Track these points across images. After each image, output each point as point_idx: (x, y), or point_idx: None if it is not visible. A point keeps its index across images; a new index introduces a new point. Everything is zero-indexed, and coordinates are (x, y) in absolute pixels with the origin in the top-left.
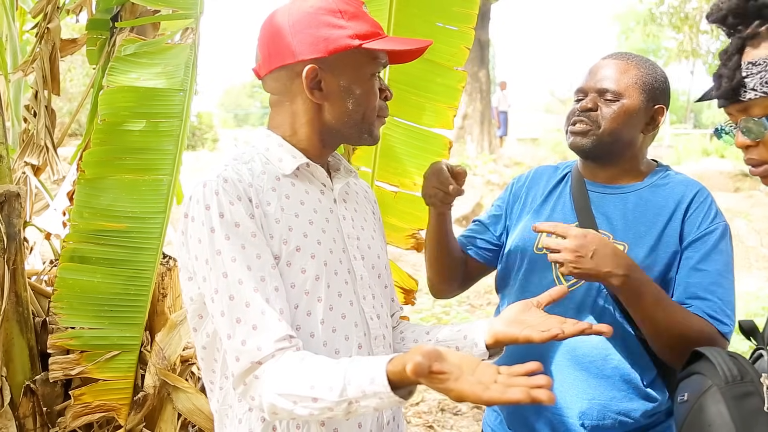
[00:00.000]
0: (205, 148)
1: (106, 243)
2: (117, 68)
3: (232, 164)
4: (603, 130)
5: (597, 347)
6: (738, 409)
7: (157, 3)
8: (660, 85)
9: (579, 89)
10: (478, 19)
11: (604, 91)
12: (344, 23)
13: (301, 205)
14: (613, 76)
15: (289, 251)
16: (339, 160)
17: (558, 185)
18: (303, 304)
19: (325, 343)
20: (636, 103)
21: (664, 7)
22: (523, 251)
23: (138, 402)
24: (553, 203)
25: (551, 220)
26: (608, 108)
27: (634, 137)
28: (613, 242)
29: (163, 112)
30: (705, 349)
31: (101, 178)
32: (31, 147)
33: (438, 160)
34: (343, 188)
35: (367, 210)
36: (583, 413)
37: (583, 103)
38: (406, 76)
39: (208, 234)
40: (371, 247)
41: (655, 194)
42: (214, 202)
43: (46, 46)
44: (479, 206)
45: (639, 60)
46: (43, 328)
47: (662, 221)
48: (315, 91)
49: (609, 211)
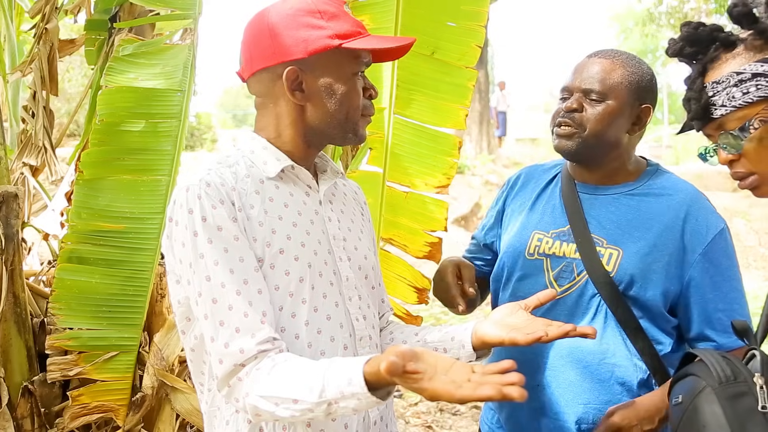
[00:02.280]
0: (203, 148)
1: (105, 243)
2: (115, 68)
3: (216, 168)
4: (588, 132)
5: (592, 351)
6: (732, 409)
7: (156, 3)
8: (646, 84)
9: (564, 87)
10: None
11: (589, 91)
12: (324, 23)
13: (284, 208)
14: (599, 75)
15: (272, 254)
16: (326, 161)
17: (547, 186)
18: (287, 305)
19: (309, 344)
20: (622, 104)
21: (663, 7)
22: (515, 256)
23: (136, 402)
24: (542, 206)
25: (542, 224)
26: (593, 108)
27: (620, 138)
28: (606, 247)
29: (162, 112)
30: (698, 351)
31: (100, 178)
32: (30, 148)
33: (446, 261)
34: (330, 189)
35: (355, 211)
36: (579, 417)
37: (567, 104)
38: (415, 76)
39: (191, 238)
40: (358, 248)
41: (650, 199)
42: (196, 206)
43: (44, 46)
44: (477, 206)
45: (625, 58)
46: (41, 328)
47: (658, 228)
48: (296, 93)
49: (600, 214)
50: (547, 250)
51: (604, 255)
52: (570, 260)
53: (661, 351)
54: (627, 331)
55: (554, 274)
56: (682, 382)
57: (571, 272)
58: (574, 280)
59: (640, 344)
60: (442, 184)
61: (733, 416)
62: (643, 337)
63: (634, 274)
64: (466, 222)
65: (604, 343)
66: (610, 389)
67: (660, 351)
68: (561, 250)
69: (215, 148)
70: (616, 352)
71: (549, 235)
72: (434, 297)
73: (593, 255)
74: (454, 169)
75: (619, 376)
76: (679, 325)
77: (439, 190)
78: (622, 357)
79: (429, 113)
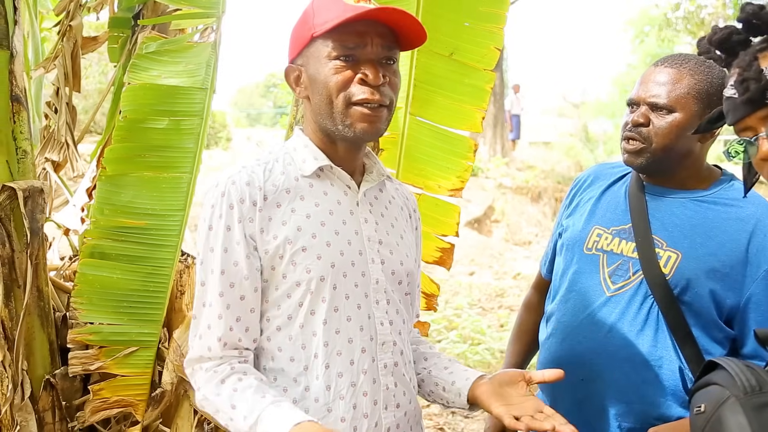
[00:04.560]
0: (218, 147)
1: (126, 239)
2: (139, 65)
3: (250, 166)
4: (656, 146)
5: (641, 352)
6: (758, 420)
7: (180, 2)
8: (716, 89)
9: (631, 99)
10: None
11: (655, 103)
12: (310, 20)
13: (315, 207)
14: (666, 86)
15: (294, 251)
16: (374, 162)
17: (614, 184)
18: (306, 302)
19: (326, 343)
20: (691, 114)
21: (680, 11)
22: (574, 249)
23: (155, 398)
24: (607, 202)
25: (604, 220)
26: (660, 121)
27: (692, 148)
28: (665, 249)
29: (185, 110)
30: (721, 360)
31: (122, 174)
32: (52, 143)
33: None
34: (372, 191)
35: (399, 216)
36: (621, 415)
37: (634, 117)
38: (433, 77)
39: (206, 231)
40: (394, 252)
41: (718, 207)
42: (218, 203)
43: (68, 43)
44: (491, 209)
45: (693, 65)
46: (63, 323)
47: (723, 238)
48: (297, 88)
49: (665, 216)
50: (605, 246)
51: (662, 257)
52: (627, 258)
53: None
54: (676, 336)
55: (609, 270)
56: (704, 390)
57: (627, 271)
58: (628, 278)
59: (688, 351)
60: (456, 187)
61: (759, 428)
62: (692, 344)
63: (690, 278)
64: (479, 225)
65: (654, 346)
66: (655, 392)
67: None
68: (619, 247)
69: (229, 147)
70: (664, 356)
71: (609, 231)
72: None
73: (651, 255)
74: (468, 172)
75: (665, 380)
76: (735, 338)
77: (453, 193)
78: (671, 361)
79: (446, 115)
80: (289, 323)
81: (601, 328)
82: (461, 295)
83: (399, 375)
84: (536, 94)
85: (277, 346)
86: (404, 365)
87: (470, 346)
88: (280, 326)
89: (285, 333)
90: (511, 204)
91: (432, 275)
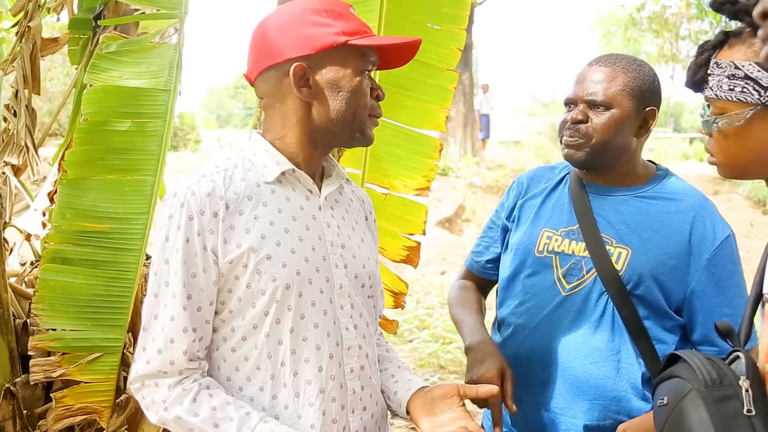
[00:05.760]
0: (187, 149)
1: (89, 244)
2: (99, 66)
3: (209, 174)
4: (595, 141)
5: (599, 348)
6: (718, 413)
7: (142, 2)
8: (649, 87)
9: (568, 99)
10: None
11: (592, 101)
12: (330, 21)
13: (278, 213)
14: (601, 84)
15: (258, 259)
16: (333, 165)
17: (556, 187)
18: (272, 311)
19: (293, 351)
20: (626, 110)
21: (645, 12)
22: (525, 253)
23: (120, 404)
24: (552, 205)
25: (551, 223)
26: (598, 118)
27: (628, 143)
28: (615, 246)
29: (148, 112)
30: (683, 353)
31: (84, 178)
32: (11, 147)
33: (490, 361)
34: (333, 194)
35: (359, 218)
36: (584, 413)
37: (572, 115)
38: (396, 78)
39: (162, 242)
40: (356, 256)
41: (658, 202)
42: (177, 214)
43: (26, 44)
44: (461, 208)
45: (626, 63)
46: (24, 330)
47: (666, 231)
48: (303, 89)
49: (609, 214)
50: (556, 248)
51: (613, 254)
52: (579, 258)
53: (664, 350)
54: (630, 330)
55: (563, 271)
56: (667, 383)
57: (580, 270)
58: (582, 277)
59: (641, 344)
60: (422, 187)
61: (719, 420)
62: (645, 337)
63: (642, 273)
64: (450, 224)
65: (611, 341)
66: (615, 386)
67: (664, 350)
68: (570, 248)
69: (198, 149)
70: (622, 350)
71: (558, 233)
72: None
73: (603, 253)
74: (434, 172)
75: (624, 374)
76: (684, 326)
77: (419, 193)
78: (628, 355)
79: (410, 115)
80: (254, 332)
81: (558, 327)
82: (433, 295)
83: (365, 378)
84: (506, 94)
85: (243, 356)
86: (370, 367)
87: (442, 345)
88: (246, 336)
89: (251, 342)
90: (482, 203)
91: (403, 275)
